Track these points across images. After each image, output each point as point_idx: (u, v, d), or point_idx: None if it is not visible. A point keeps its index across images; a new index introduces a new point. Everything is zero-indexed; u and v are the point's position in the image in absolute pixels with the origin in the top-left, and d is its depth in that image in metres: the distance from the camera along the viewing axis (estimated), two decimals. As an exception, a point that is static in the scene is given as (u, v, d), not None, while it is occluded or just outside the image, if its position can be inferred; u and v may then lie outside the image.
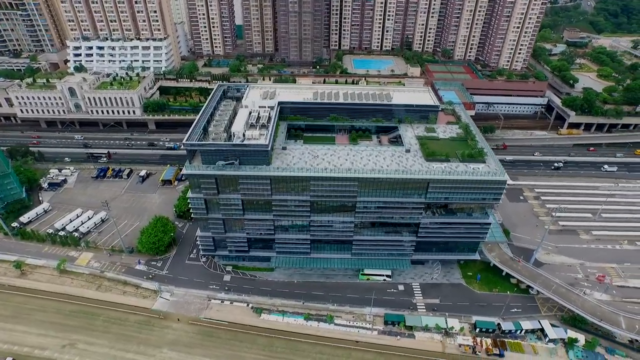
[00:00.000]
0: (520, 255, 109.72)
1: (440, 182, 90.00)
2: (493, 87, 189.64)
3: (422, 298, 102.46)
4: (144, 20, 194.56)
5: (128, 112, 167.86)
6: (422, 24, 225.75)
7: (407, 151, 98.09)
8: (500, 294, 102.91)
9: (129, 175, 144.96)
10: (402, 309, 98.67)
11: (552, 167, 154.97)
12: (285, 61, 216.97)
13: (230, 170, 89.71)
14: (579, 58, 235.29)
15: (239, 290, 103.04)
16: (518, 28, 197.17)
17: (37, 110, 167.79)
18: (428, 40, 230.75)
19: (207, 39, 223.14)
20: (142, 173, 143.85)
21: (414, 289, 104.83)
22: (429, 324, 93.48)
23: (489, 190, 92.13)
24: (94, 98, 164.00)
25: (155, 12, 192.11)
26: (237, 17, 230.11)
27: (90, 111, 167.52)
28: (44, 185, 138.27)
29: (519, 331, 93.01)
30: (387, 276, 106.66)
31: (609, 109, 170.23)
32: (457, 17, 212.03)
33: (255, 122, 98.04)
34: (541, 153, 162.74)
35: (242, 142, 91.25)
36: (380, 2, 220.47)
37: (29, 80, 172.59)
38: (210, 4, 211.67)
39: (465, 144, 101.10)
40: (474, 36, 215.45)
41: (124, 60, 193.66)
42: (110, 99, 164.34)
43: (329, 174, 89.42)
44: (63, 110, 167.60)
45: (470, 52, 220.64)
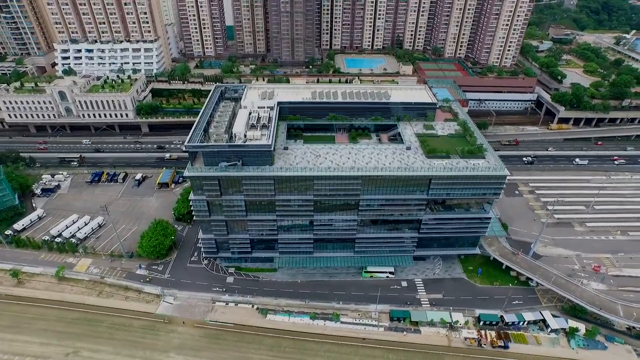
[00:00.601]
0: (518, 248, 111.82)
1: (443, 178, 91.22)
2: (484, 84, 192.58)
3: (425, 293, 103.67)
4: (133, 22, 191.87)
5: (121, 115, 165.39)
6: (413, 23, 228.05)
7: (408, 149, 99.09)
8: (501, 286, 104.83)
9: (124, 179, 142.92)
10: (407, 305, 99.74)
11: (573, 162, 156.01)
12: (277, 61, 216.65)
13: (233, 171, 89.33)
14: (565, 54, 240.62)
15: (243, 292, 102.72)
16: (507, 25, 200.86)
17: (26, 114, 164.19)
18: (418, 39, 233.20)
19: (197, 41, 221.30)
20: (137, 176, 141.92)
21: (416, 285, 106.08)
22: (434, 319, 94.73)
23: (490, 185, 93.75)
24: (85, 101, 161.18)
25: (145, 13, 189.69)
26: (228, 17, 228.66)
27: (82, 115, 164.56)
28: (37, 192, 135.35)
29: (522, 323, 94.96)
30: (390, 273, 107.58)
31: (596, 104, 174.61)
32: (447, 15, 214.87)
33: (256, 122, 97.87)
34: (555, 148, 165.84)
35: (244, 143, 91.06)
36: (371, 1, 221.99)
37: (16, 85, 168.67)
38: (201, 5, 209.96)
39: (464, 141, 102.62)
40: (463, 34, 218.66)
41: (114, 63, 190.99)
42: (102, 102, 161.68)
43: (333, 172, 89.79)
44: (53, 115, 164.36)
45: (460, 49, 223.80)
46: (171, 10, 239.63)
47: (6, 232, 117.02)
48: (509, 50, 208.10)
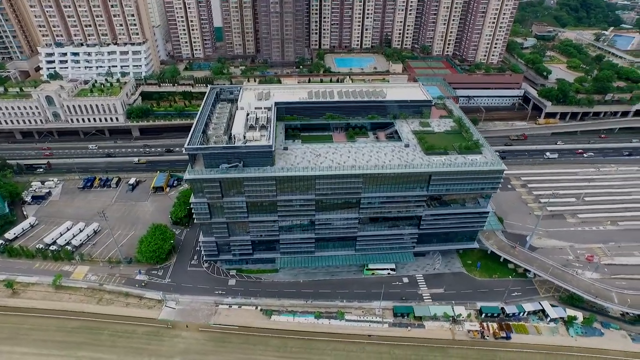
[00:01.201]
0: (514, 241, 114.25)
1: (442, 174, 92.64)
2: (472, 81, 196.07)
3: (426, 288, 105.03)
4: (121, 24, 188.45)
5: (111, 120, 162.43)
6: (401, 22, 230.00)
7: (406, 146, 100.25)
8: (501, 279, 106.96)
9: (117, 184, 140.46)
10: (409, 301, 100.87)
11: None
12: (267, 62, 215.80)
13: (235, 173, 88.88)
14: (548, 50, 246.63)
15: (246, 294, 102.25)
16: (493, 23, 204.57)
17: (11, 120, 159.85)
18: (407, 37, 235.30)
19: (186, 42, 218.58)
20: (131, 181, 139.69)
21: (417, 280, 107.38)
22: (437, 313, 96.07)
23: (488, 180, 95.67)
24: (74, 106, 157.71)
25: (132, 15, 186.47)
26: (216, 19, 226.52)
27: (70, 120, 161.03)
28: (27, 199, 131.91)
29: (522, 313, 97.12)
30: (391, 269, 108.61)
31: (581, 99, 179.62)
32: (435, 14, 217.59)
33: (255, 123, 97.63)
34: (563, 142, 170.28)
35: (244, 144, 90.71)
36: (359, 1, 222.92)
37: (0, 90, 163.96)
38: (189, 7, 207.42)
39: (460, 137, 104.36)
40: (451, 32, 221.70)
41: (101, 67, 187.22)
42: (91, 106, 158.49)
43: (336, 171, 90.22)
44: (40, 120, 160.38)
45: (448, 47, 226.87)
46: (157, 12, 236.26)
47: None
48: (495, 47, 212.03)
